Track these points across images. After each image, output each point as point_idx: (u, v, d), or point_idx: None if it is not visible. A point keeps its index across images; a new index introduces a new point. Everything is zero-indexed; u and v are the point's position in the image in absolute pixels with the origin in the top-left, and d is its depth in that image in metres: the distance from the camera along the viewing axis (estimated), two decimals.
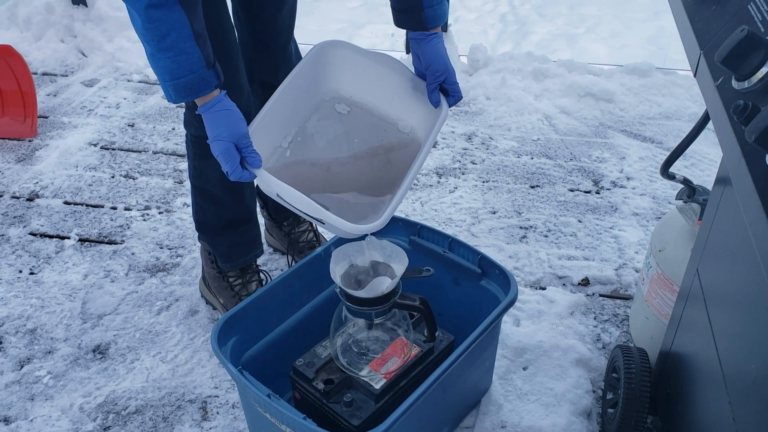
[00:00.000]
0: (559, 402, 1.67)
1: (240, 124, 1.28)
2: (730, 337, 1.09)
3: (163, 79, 1.26)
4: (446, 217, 2.34)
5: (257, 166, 1.28)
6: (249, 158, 1.28)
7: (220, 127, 1.27)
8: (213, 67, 1.27)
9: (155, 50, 1.22)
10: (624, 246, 2.19)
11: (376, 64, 1.50)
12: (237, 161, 1.27)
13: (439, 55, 1.43)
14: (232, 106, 1.30)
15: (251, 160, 1.28)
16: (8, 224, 2.34)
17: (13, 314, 1.97)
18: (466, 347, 1.37)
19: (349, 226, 1.26)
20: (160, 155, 2.71)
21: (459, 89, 1.46)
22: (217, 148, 1.27)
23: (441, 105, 1.44)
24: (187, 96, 1.27)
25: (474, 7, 5.21)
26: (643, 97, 3.03)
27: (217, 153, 1.28)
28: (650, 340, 1.69)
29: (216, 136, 1.27)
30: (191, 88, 1.26)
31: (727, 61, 0.92)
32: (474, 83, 3.13)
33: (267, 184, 1.29)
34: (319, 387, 1.41)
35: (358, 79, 1.52)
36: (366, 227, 1.28)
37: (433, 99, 1.44)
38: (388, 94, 1.51)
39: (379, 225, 1.28)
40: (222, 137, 1.27)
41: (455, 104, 1.48)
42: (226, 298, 1.90)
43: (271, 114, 1.39)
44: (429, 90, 1.44)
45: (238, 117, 1.29)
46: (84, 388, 1.76)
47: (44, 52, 3.42)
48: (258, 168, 1.28)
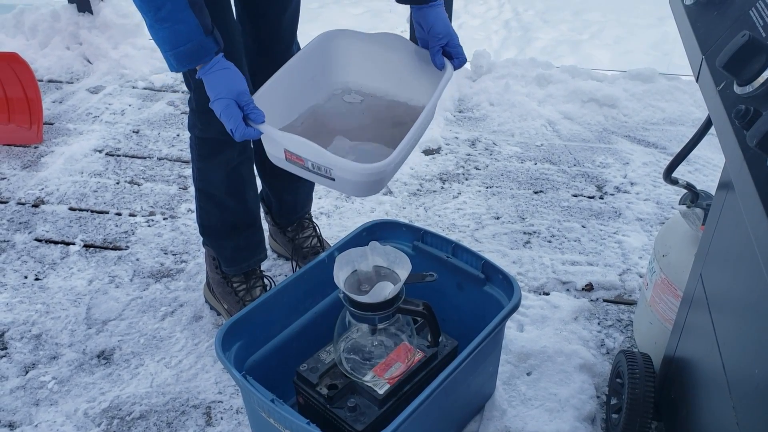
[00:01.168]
0: (563, 407, 1.67)
1: (239, 81, 1.29)
2: (733, 342, 1.09)
3: (163, 49, 1.28)
4: (450, 222, 2.34)
5: (260, 121, 1.28)
6: (252, 114, 1.28)
7: (220, 86, 1.28)
8: (211, 33, 1.28)
9: (153, 21, 1.24)
10: (628, 251, 2.19)
11: (379, 47, 1.50)
12: (239, 118, 1.27)
13: (440, 19, 1.44)
14: (230, 66, 1.30)
15: (254, 116, 1.28)
16: (14, 230, 2.35)
17: (19, 320, 1.98)
18: (469, 352, 1.37)
19: (357, 166, 1.23)
20: (165, 161, 2.72)
21: (463, 52, 1.46)
22: (219, 106, 1.28)
23: (445, 66, 1.44)
24: (188, 63, 1.28)
25: (478, 14, 5.23)
26: (647, 103, 3.03)
27: (219, 112, 1.28)
28: (654, 345, 1.69)
29: (216, 95, 1.28)
30: (191, 55, 1.27)
31: (728, 66, 0.92)
32: (477, 89, 3.14)
33: (272, 139, 1.28)
34: (323, 392, 1.41)
35: (365, 68, 1.53)
36: (377, 165, 1.24)
37: (437, 62, 1.44)
38: (396, 76, 1.51)
39: (389, 162, 1.25)
40: (222, 95, 1.27)
41: (460, 67, 1.47)
42: (230, 303, 1.90)
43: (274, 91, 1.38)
44: (432, 53, 1.44)
45: (237, 75, 1.30)
46: (88, 394, 1.76)
47: (50, 59, 3.44)
48: (261, 123, 1.28)
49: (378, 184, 1.33)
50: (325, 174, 1.28)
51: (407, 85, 1.51)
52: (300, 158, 1.29)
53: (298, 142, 1.26)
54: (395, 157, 1.26)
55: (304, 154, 1.27)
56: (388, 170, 1.28)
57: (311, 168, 1.29)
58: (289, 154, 1.30)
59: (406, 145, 1.29)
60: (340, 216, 2.38)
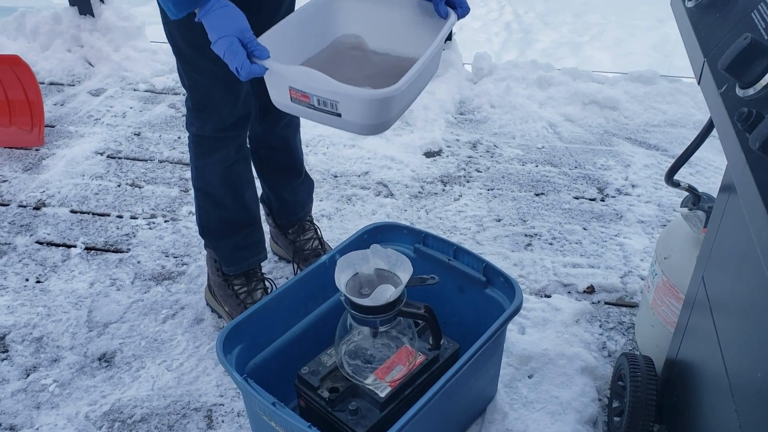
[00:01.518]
0: (564, 410, 1.66)
1: (240, 18, 1.27)
2: (736, 345, 1.09)
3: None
4: (451, 224, 2.34)
5: (265, 57, 1.26)
6: (256, 51, 1.26)
7: (221, 25, 1.26)
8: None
9: None
10: (629, 253, 2.19)
11: (381, 5, 1.49)
12: (244, 55, 1.25)
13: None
14: (229, 4, 1.29)
15: (258, 53, 1.26)
16: (15, 233, 2.35)
17: (20, 322, 1.98)
18: (471, 355, 1.36)
19: (364, 92, 1.20)
20: (166, 164, 2.72)
21: (466, 1, 1.44)
22: (222, 45, 1.26)
23: (449, 14, 1.42)
24: (187, 7, 1.27)
25: (478, 16, 5.23)
26: (648, 105, 3.03)
27: (222, 51, 1.26)
28: (656, 348, 1.68)
29: (218, 34, 1.26)
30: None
31: (730, 68, 0.92)
32: (478, 91, 3.14)
33: (277, 77, 1.25)
34: (324, 395, 1.41)
35: (367, 27, 1.51)
36: (385, 90, 1.20)
37: (441, 11, 1.43)
38: (399, 33, 1.49)
39: (397, 88, 1.21)
40: (224, 33, 1.25)
41: (464, 16, 1.45)
42: (232, 305, 1.90)
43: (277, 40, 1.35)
44: (435, 3, 1.43)
45: (237, 13, 1.28)
46: (90, 397, 1.76)
47: (51, 61, 3.45)
48: (266, 59, 1.25)
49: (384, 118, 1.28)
50: (331, 109, 1.24)
51: (411, 40, 1.48)
52: (305, 95, 1.26)
53: (303, 73, 1.23)
54: (402, 85, 1.21)
55: (310, 85, 1.23)
56: (395, 101, 1.24)
57: (317, 105, 1.26)
58: (294, 92, 1.27)
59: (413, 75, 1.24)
60: (341, 218, 2.37)
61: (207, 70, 1.58)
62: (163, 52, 3.51)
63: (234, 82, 1.61)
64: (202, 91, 1.62)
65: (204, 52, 1.55)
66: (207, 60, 1.56)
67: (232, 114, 1.65)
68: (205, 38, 1.44)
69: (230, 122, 1.66)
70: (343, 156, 2.72)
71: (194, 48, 1.55)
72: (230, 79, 1.60)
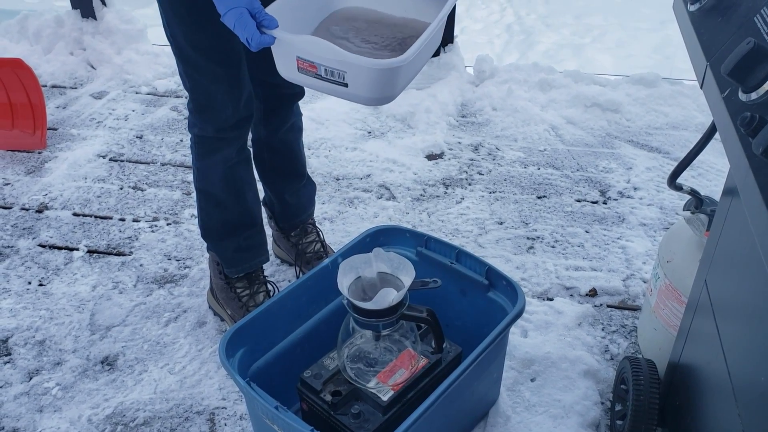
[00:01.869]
0: (567, 414, 1.66)
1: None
2: (739, 349, 1.09)
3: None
4: (453, 227, 2.34)
5: (274, 26, 1.27)
6: (265, 21, 1.27)
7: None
8: None
9: None
10: (631, 256, 2.19)
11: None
12: (254, 26, 1.26)
13: None
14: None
15: (267, 23, 1.27)
16: (18, 236, 2.35)
17: (22, 326, 1.98)
18: (473, 359, 1.37)
19: (372, 62, 1.21)
20: (168, 167, 2.72)
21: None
22: (232, 17, 1.26)
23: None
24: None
25: (480, 18, 5.23)
26: (650, 108, 3.03)
27: (232, 23, 1.27)
28: (659, 351, 1.68)
29: (227, 6, 1.26)
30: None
31: (733, 73, 0.92)
32: (480, 94, 3.14)
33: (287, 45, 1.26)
34: (327, 399, 1.41)
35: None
36: (393, 60, 1.21)
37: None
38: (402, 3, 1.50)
39: (404, 59, 1.22)
40: (233, 5, 1.26)
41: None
42: (234, 308, 1.90)
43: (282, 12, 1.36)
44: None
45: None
46: (92, 400, 1.76)
47: (54, 64, 3.45)
48: (275, 28, 1.26)
49: (391, 88, 1.29)
50: (338, 80, 1.25)
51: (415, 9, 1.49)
52: (313, 65, 1.27)
53: (311, 43, 1.24)
54: (410, 55, 1.22)
55: (318, 54, 1.24)
56: (401, 72, 1.25)
57: (324, 75, 1.27)
58: (302, 62, 1.28)
59: (419, 48, 1.25)
60: (343, 221, 2.38)
61: (208, 71, 1.58)
62: (165, 55, 3.52)
63: (235, 82, 1.61)
64: (203, 92, 1.62)
65: (205, 52, 1.56)
66: (208, 61, 1.57)
67: (233, 115, 1.65)
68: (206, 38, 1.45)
69: (232, 123, 1.66)
70: (345, 159, 2.73)
71: (195, 49, 1.55)
72: (231, 80, 1.61)
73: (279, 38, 1.27)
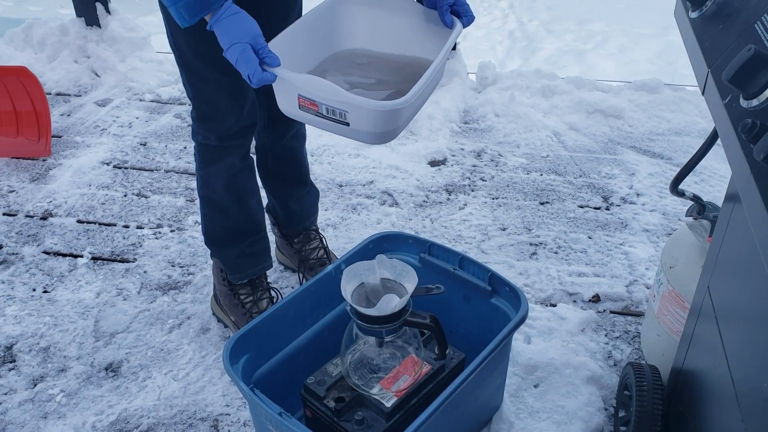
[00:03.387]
0: (570, 420, 1.66)
1: (252, 25, 1.28)
2: (742, 355, 1.09)
3: (173, 1, 1.27)
4: (456, 234, 2.34)
5: (276, 64, 1.26)
6: (267, 58, 1.26)
7: (234, 31, 1.27)
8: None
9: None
10: (634, 262, 2.19)
11: (386, 12, 1.50)
12: (256, 63, 1.26)
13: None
14: (241, 11, 1.30)
15: (270, 60, 1.26)
16: (22, 243, 2.36)
17: (27, 332, 1.99)
18: (477, 365, 1.37)
19: (373, 103, 1.21)
20: (172, 174, 2.73)
21: (470, 10, 1.45)
22: (234, 52, 1.26)
23: (454, 23, 1.43)
24: (199, 12, 1.27)
25: (482, 24, 5.25)
26: (652, 113, 3.03)
27: (234, 58, 1.27)
28: (662, 357, 1.68)
29: (230, 41, 1.27)
30: (201, 3, 1.26)
31: (734, 80, 0.92)
32: (483, 100, 3.15)
33: (287, 84, 1.26)
34: (330, 405, 1.41)
35: (373, 33, 1.52)
36: (394, 102, 1.22)
37: (447, 20, 1.43)
38: (404, 39, 1.51)
39: (406, 100, 1.22)
40: (237, 40, 1.26)
41: (469, 24, 1.46)
42: (237, 315, 1.91)
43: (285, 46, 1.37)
44: (441, 13, 1.43)
45: (249, 19, 1.29)
46: (96, 407, 1.77)
47: (58, 72, 3.47)
48: (278, 67, 1.26)
49: (392, 128, 1.30)
50: (340, 119, 1.26)
51: (415, 46, 1.50)
52: (314, 103, 1.27)
53: (313, 83, 1.25)
54: (411, 96, 1.23)
55: (319, 94, 1.25)
56: (403, 112, 1.26)
57: (325, 113, 1.27)
58: (303, 100, 1.28)
59: (420, 89, 1.26)
60: (346, 228, 2.38)
61: (211, 79, 1.59)
62: (169, 63, 3.53)
63: (238, 91, 1.62)
64: (206, 100, 1.63)
65: (208, 61, 1.56)
66: (211, 70, 1.57)
67: (236, 123, 1.66)
68: (209, 48, 1.45)
69: (235, 131, 1.67)
70: (348, 165, 2.73)
71: (199, 57, 1.56)
72: (235, 89, 1.61)
73: (280, 76, 1.27)
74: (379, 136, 1.30)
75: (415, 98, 1.25)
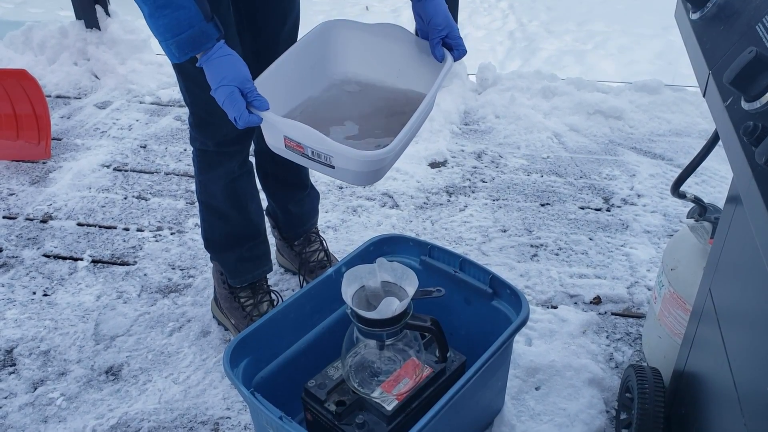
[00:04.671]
0: (572, 422, 1.66)
1: (242, 68, 1.28)
2: (744, 357, 1.08)
3: (164, 38, 1.27)
4: (456, 235, 2.34)
5: (264, 108, 1.27)
6: (255, 102, 1.27)
7: (223, 73, 1.27)
8: (212, 20, 1.28)
9: (153, 9, 1.24)
10: (636, 264, 2.18)
11: (379, 38, 1.51)
12: (243, 106, 1.26)
13: (440, 10, 1.43)
14: (232, 53, 1.30)
15: (257, 104, 1.27)
16: (22, 246, 2.36)
17: (27, 336, 1.99)
18: (478, 368, 1.36)
19: (357, 153, 1.23)
20: (172, 176, 2.73)
21: (463, 43, 1.45)
22: (222, 94, 1.27)
23: (445, 57, 1.43)
24: (190, 51, 1.28)
25: (482, 25, 5.25)
26: (653, 114, 3.03)
27: (222, 100, 1.27)
28: (663, 359, 1.68)
29: (219, 83, 1.27)
30: (192, 42, 1.27)
31: (735, 82, 0.92)
32: (483, 102, 3.14)
33: (273, 127, 1.28)
34: (331, 408, 1.40)
35: (365, 58, 1.53)
36: (377, 152, 1.24)
37: (437, 53, 1.44)
38: (395, 66, 1.52)
39: (389, 150, 1.25)
40: (225, 82, 1.26)
41: (460, 58, 1.46)
42: (238, 318, 1.90)
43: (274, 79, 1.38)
44: (432, 45, 1.44)
45: (239, 62, 1.29)
46: (97, 410, 1.76)
47: (58, 75, 3.47)
48: (265, 111, 1.27)
49: (377, 173, 1.33)
50: (325, 162, 1.27)
51: (407, 75, 1.51)
52: (300, 145, 1.29)
53: (299, 129, 1.26)
54: (395, 146, 1.26)
55: (304, 141, 1.26)
56: (388, 158, 1.28)
57: (311, 155, 1.29)
58: (289, 141, 1.30)
59: (406, 135, 1.29)
60: (347, 230, 2.38)
61: (208, 86, 1.58)
62: (168, 65, 3.53)
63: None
64: (203, 107, 1.63)
65: None
66: None
67: (234, 129, 1.64)
68: None
69: (233, 137, 1.66)
70: None
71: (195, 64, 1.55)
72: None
73: (267, 120, 1.28)
74: (363, 179, 1.33)
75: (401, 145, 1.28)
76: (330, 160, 1.27)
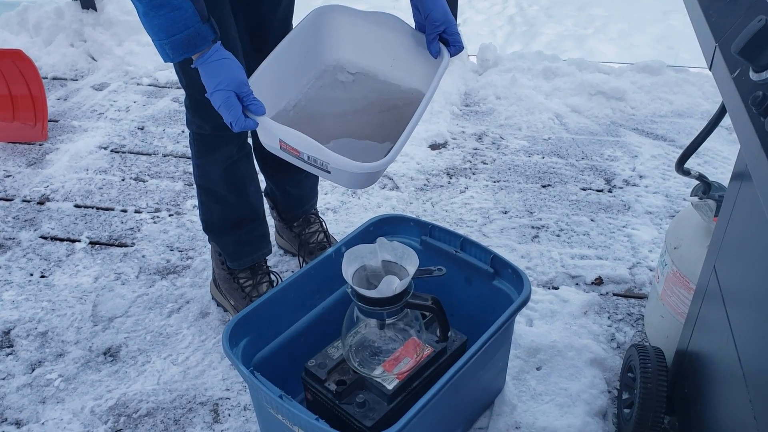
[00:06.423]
0: (573, 402, 1.65)
1: (238, 72, 1.27)
2: (750, 335, 1.07)
3: (159, 38, 1.25)
4: (457, 217, 2.32)
5: (260, 113, 1.26)
6: (251, 106, 1.26)
7: (219, 77, 1.25)
8: (208, 21, 1.26)
9: (148, 8, 1.22)
10: (637, 244, 2.17)
11: (374, 25, 1.49)
12: (239, 110, 1.25)
13: (438, 5, 1.41)
14: (228, 56, 1.28)
15: (254, 108, 1.26)
16: (19, 228, 2.34)
17: (25, 317, 1.97)
18: (479, 347, 1.35)
19: (354, 165, 1.23)
20: (170, 158, 2.71)
21: (460, 39, 1.43)
22: (218, 98, 1.25)
23: (441, 54, 1.41)
24: (185, 53, 1.26)
25: (482, 9, 5.21)
26: (655, 95, 3.01)
27: (218, 104, 1.26)
28: (666, 339, 1.67)
29: (215, 87, 1.25)
30: (188, 44, 1.24)
31: (744, 52, 0.90)
32: (484, 83, 3.12)
33: (269, 131, 1.27)
34: (332, 388, 1.39)
35: (358, 44, 1.51)
36: (371, 165, 1.25)
37: (433, 49, 1.42)
38: (390, 56, 1.50)
39: (383, 163, 1.25)
40: (221, 87, 1.25)
41: (456, 54, 1.44)
42: (237, 299, 1.89)
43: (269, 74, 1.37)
44: (428, 40, 1.42)
45: (236, 65, 1.27)
46: (95, 391, 1.75)
47: (54, 56, 3.44)
48: (261, 115, 1.26)
49: (373, 176, 1.33)
50: (321, 167, 1.27)
51: (401, 66, 1.49)
52: (296, 150, 1.28)
53: (296, 137, 1.25)
54: (392, 157, 1.27)
55: (301, 148, 1.26)
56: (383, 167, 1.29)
57: (306, 159, 1.28)
58: (285, 144, 1.29)
59: (403, 142, 1.29)
60: (346, 211, 2.36)
61: None
62: None
63: None
64: (199, 89, 1.60)
65: None
66: None
67: None
68: None
69: None
70: None
71: None
72: None
73: (263, 125, 1.27)
74: (359, 184, 1.35)
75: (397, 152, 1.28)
76: (326, 165, 1.26)
